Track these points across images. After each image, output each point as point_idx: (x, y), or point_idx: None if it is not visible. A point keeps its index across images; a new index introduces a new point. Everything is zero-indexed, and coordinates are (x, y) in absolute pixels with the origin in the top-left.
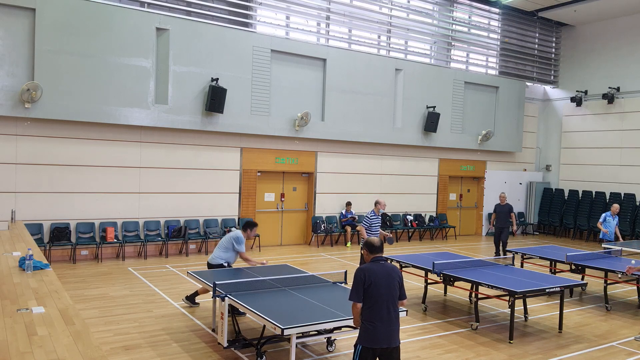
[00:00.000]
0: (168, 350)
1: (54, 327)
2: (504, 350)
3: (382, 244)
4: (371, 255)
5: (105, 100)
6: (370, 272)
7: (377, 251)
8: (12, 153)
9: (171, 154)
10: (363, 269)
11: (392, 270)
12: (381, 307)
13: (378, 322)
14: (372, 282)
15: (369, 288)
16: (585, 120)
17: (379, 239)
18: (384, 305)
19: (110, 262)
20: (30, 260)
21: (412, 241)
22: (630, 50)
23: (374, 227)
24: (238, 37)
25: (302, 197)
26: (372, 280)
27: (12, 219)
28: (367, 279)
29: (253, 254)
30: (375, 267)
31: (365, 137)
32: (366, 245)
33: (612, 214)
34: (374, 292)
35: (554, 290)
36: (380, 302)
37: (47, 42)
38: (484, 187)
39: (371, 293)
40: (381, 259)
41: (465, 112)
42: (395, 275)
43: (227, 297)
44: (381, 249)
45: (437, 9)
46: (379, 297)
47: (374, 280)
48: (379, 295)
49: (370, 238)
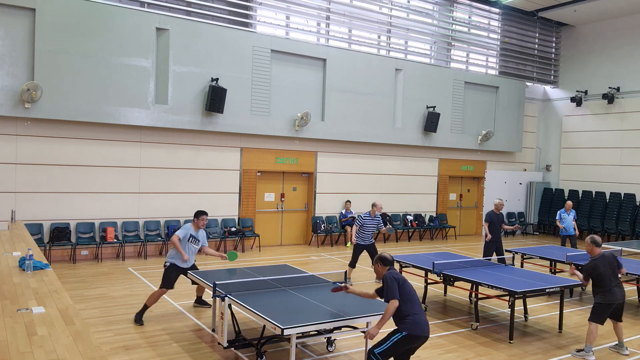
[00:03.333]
0: (168, 350)
1: (54, 327)
2: (504, 350)
3: (392, 258)
4: (386, 268)
5: (105, 100)
6: (397, 274)
7: (391, 264)
8: (12, 153)
9: (171, 154)
10: (391, 273)
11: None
12: (417, 301)
13: (420, 313)
14: (404, 281)
15: (403, 285)
16: (585, 120)
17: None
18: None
19: (110, 262)
20: (30, 260)
21: (412, 241)
22: (630, 50)
23: (366, 228)
24: (238, 37)
25: (302, 197)
26: (403, 280)
27: (12, 219)
28: (399, 279)
29: (253, 255)
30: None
31: (365, 137)
32: (380, 260)
33: (566, 210)
34: (409, 288)
35: (554, 290)
36: (416, 297)
37: (47, 42)
38: (484, 187)
39: (407, 290)
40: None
41: (465, 112)
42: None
43: (227, 297)
44: (393, 262)
45: (437, 9)
46: (414, 293)
47: (404, 280)
48: (413, 291)
49: (383, 253)
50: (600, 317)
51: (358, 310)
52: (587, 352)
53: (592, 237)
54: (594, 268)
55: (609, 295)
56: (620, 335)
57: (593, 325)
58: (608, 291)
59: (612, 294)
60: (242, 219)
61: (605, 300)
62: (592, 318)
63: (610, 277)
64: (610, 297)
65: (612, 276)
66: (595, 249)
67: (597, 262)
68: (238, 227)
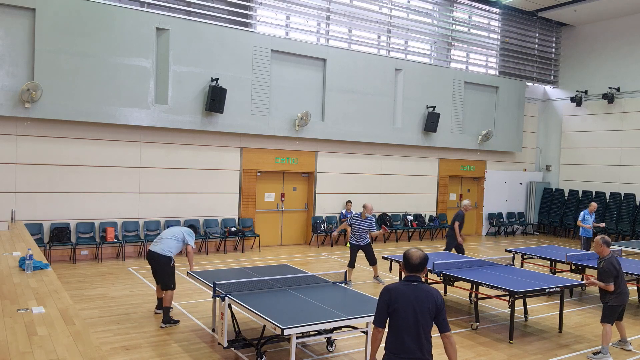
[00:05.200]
0: (168, 350)
1: (54, 327)
2: (504, 350)
3: (420, 262)
4: (406, 273)
5: (105, 100)
6: (397, 294)
7: (413, 269)
8: (12, 153)
9: (171, 154)
10: (390, 289)
11: (427, 295)
12: (405, 337)
13: (400, 355)
14: (397, 305)
15: (393, 313)
16: (585, 120)
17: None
18: (409, 336)
19: (110, 262)
20: (30, 260)
21: (412, 241)
22: (630, 50)
23: (355, 229)
24: (238, 37)
25: (302, 197)
26: (398, 304)
27: (12, 219)
28: (393, 301)
29: (253, 255)
30: (405, 288)
31: (365, 137)
32: (404, 259)
33: (590, 212)
34: (399, 318)
35: (554, 290)
36: (405, 331)
37: (47, 42)
38: (484, 187)
39: (396, 319)
40: (415, 280)
41: (465, 112)
42: (428, 300)
43: (227, 297)
44: (419, 268)
45: (437, 9)
46: (404, 326)
47: (401, 303)
48: (405, 323)
49: (410, 252)
50: (613, 318)
51: (358, 310)
52: (605, 354)
53: (603, 237)
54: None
55: (624, 296)
56: (624, 332)
57: (608, 326)
58: (622, 292)
59: (625, 295)
60: (242, 219)
61: (619, 302)
62: (606, 319)
63: (623, 277)
64: (624, 298)
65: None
66: (606, 250)
67: (614, 262)
68: (238, 227)
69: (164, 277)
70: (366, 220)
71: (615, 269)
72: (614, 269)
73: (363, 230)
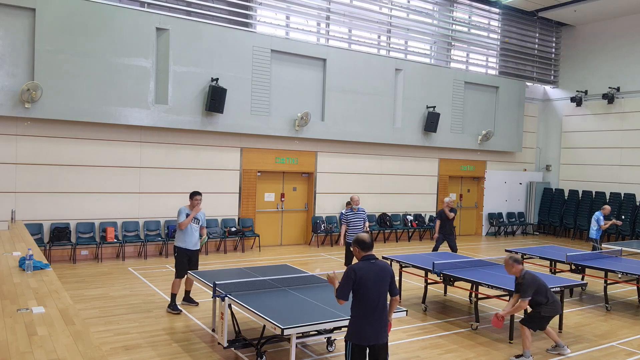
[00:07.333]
0: (168, 350)
1: (54, 327)
2: (504, 350)
3: (372, 241)
4: (362, 253)
5: (105, 100)
6: (361, 271)
7: (368, 248)
8: (12, 153)
9: (171, 154)
10: (354, 268)
11: (383, 269)
12: (369, 305)
13: (366, 319)
14: (362, 281)
15: (358, 287)
16: (585, 120)
17: (368, 235)
18: (372, 304)
19: (110, 262)
20: (30, 260)
21: (412, 241)
22: (630, 50)
23: (353, 224)
24: (238, 37)
25: (302, 197)
26: (362, 280)
27: (12, 219)
28: (357, 278)
29: (253, 255)
30: (366, 265)
31: (365, 137)
32: (357, 243)
33: (604, 213)
34: (363, 291)
35: (554, 290)
36: (369, 300)
37: (47, 42)
38: (484, 187)
39: (360, 292)
40: (372, 258)
41: (465, 112)
42: (385, 274)
43: (227, 297)
44: (371, 246)
45: (437, 9)
46: (368, 296)
47: (365, 279)
48: (368, 294)
49: (361, 235)
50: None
51: None
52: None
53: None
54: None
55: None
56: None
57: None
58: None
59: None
60: (242, 219)
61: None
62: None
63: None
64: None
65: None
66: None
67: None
68: (238, 227)
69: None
70: (358, 212)
71: (534, 281)
72: (533, 281)
73: (359, 220)
